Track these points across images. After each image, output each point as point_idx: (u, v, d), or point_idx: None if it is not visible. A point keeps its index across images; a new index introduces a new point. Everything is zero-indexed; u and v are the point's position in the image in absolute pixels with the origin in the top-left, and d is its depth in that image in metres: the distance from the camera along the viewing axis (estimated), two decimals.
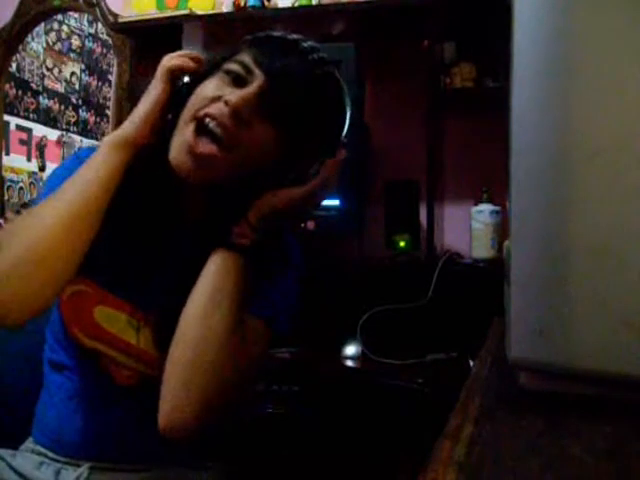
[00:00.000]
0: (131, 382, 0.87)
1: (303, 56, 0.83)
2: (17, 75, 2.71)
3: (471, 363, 1.31)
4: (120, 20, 2.07)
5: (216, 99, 0.79)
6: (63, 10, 2.49)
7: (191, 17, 1.87)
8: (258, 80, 0.79)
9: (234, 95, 0.78)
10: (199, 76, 0.84)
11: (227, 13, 1.91)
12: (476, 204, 1.71)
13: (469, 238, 1.72)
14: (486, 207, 1.68)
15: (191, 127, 0.78)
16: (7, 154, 2.58)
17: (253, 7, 1.83)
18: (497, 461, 0.38)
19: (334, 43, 1.77)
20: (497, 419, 0.47)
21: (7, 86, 2.57)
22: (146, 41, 1.92)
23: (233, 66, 0.81)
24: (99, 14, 2.26)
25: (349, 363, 1.50)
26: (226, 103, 0.77)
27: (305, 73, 0.82)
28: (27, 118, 2.78)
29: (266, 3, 1.84)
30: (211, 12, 1.93)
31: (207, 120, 0.77)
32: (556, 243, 0.47)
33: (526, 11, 0.48)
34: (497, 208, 1.68)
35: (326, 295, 1.65)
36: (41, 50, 2.85)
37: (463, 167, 1.87)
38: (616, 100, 0.45)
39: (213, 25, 1.91)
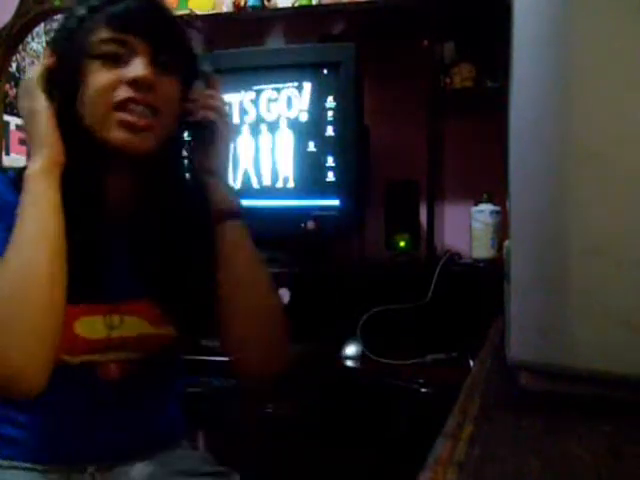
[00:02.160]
0: (118, 376, 0.89)
1: (155, 4, 0.88)
2: (17, 75, 2.71)
3: (471, 363, 1.31)
4: None
5: (116, 84, 0.83)
6: (63, 10, 2.48)
7: (191, 17, 1.87)
8: (139, 46, 0.83)
9: (133, 71, 0.82)
10: (71, 63, 0.85)
11: (227, 13, 1.91)
12: (476, 204, 1.71)
13: (469, 238, 1.72)
14: (486, 207, 1.68)
15: (116, 114, 0.82)
16: (7, 154, 2.58)
17: (253, 7, 1.83)
18: (497, 461, 0.38)
19: (334, 43, 1.77)
20: (497, 419, 0.47)
21: (7, 86, 2.57)
22: None
23: (106, 48, 0.83)
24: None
25: (349, 363, 1.50)
26: (135, 82, 0.82)
27: (166, 17, 0.89)
28: None
29: (266, 3, 1.84)
30: (211, 12, 1.93)
31: (131, 105, 0.82)
32: (556, 243, 0.47)
33: (526, 11, 0.48)
34: (497, 208, 1.68)
35: (326, 295, 1.65)
36: (41, 50, 2.85)
37: (463, 167, 1.87)
38: (616, 100, 0.45)
39: (213, 25, 1.90)
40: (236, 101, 1.69)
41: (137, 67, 0.83)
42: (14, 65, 2.68)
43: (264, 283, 0.92)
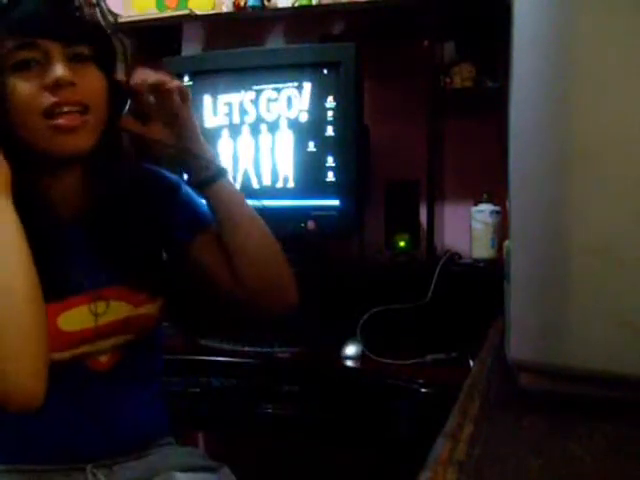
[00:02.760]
0: (108, 366, 0.91)
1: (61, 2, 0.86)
2: None
3: (471, 363, 1.31)
4: (120, 20, 2.06)
5: (40, 90, 0.81)
6: None
7: (191, 17, 1.87)
8: (53, 47, 0.82)
9: (53, 74, 0.80)
10: None
11: (227, 13, 1.90)
12: (476, 204, 1.70)
13: (469, 238, 1.71)
14: (486, 207, 1.68)
15: (45, 121, 0.81)
16: None
17: (253, 7, 1.83)
18: (497, 461, 0.38)
19: (334, 43, 1.77)
20: (497, 419, 0.47)
21: None
22: (146, 41, 1.91)
23: (21, 55, 0.81)
24: (99, 14, 2.26)
25: (349, 363, 1.50)
26: (57, 86, 0.80)
27: (73, 8, 0.87)
28: None
29: (266, 3, 1.84)
30: (211, 12, 1.93)
31: (55, 110, 0.81)
32: (556, 243, 0.47)
33: (526, 11, 0.48)
34: (497, 208, 1.68)
35: (326, 295, 1.65)
36: None
37: (463, 167, 1.86)
38: (616, 100, 0.45)
39: (213, 25, 1.90)
40: (236, 101, 1.69)
41: (54, 70, 0.81)
42: None
43: (261, 227, 0.97)
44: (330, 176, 1.63)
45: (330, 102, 1.63)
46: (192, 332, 1.04)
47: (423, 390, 1.32)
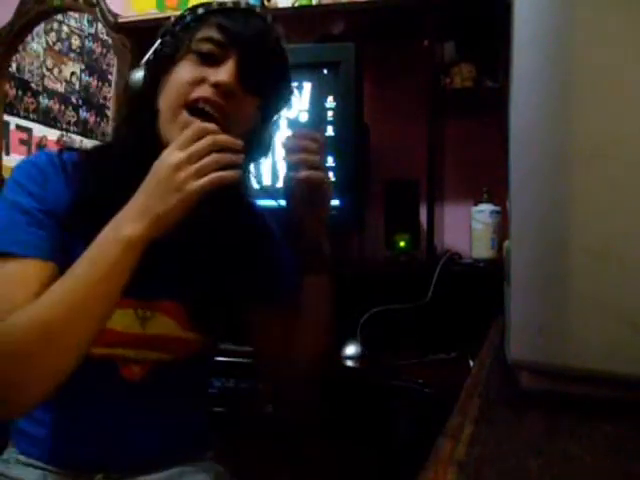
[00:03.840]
0: (140, 378, 0.88)
1: (263, 21, 0.88)
2: (17, 75, 2.71)
3: (471, 363, 1.31)
4: (120, 20, 2.06)
5: (199, 81, 0.82)
6: (63, 10, 2.48)
7: None
8: (234, 54, 0.83)
9: (220, 75, 0.82)
10: (168, 52, 0.86)
11: None
12: (476, 204, 1.70)
13: (469, 238, 1.71)
14: (486, 207, 1.68)
15: (184, 113, 0.81)
16: (7, 154, 2.58)
17: None
18: (497, 461, 0.38)
19: (334, 43, 1.77)
20: (497, 419, 0.47)
21: (7, 86, 2.56)
22: (146, 41, 1.91)
23: (205, 46, 0.84)
24: (99, 14, 2.26)
25: (349, 363, 1.50)
26: (217, 85, 0.81)
27: (271, 37, 0.88)
28: (27, 118, 2.78)
29: (266, 3, 1.84)
30: None
31: (201, 104, 0.81)
32: (556, 243, 0.47)
33: (526, 11, 0.48)
34: (497, 208, 1.68)
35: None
36: (41, 50, 2.84)
37: (463, 167, 1.86)
38: (616, 100, 0.45)
39: None
40: None
41: (225, 72, 0.82)
42: (14, 65, 2.68)
43: (329, 329, 1.00)
44: (330, 176, 1.63)
45: (330, 102, 1.63)
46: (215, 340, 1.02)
47: (423, 390, 1.32)
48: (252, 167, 0.95)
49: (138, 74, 0.87)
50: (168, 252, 0.85)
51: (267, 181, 1.68)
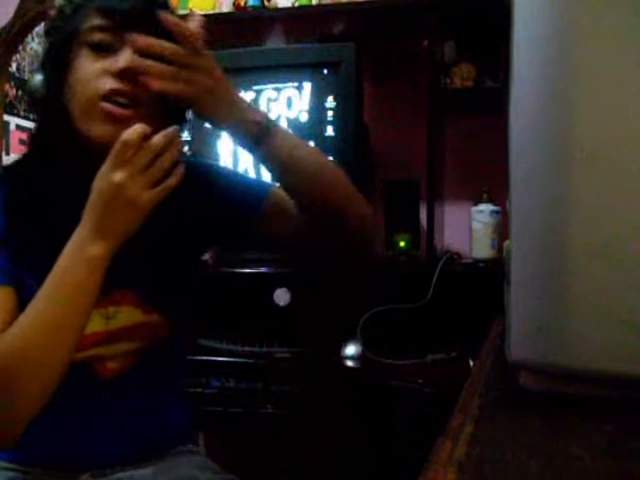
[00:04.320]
0: (115, 374, 0.88)
1: None
2: (17, 75, 2.71)
3: (471, 363, 1.31)
4: None
5: (102, 73, 0.80)
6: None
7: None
8: (127, 34, 0.80)
9: (120, 62, 0.79)
10: (62, 49, 0.83)
11: (227, 13, 1.90)
12: (476, 204, 1.71)
13: (469, 238, 1.71)
14: (486, 207, 1.68)
15: (101, 105, 0.79)
16: (7, 154, 2.58)
17: (253, 7, 1.83)
18: (497, 461, 0.38)
19: (334, 43, 1.77)
20: (497, 419, 0.47)
21: (7, 86, 2.57)
22: None
23: (94, 37, 0.81)
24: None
25: (349, 363, 1.50)
26: (120, 73, 0.79)
27: (156, 11, 0.82)
28: (27, 118, 2.78)
29: (266, 3, 1.84)
30: (211, 12, 1.93)
31: (112, 97, 0.79)
32: (556, 243, 0.47)
33: (526, 11, 0.48)
34: (497, 208, 1.68)
35: (326, 295, 1.65)
36: (41, 50, 2.85)
37: (463, 167, 1.86)
38: (616, 100, 0.45)
39: (213, 25, 1.90)
40: None
41: (123, 58, 0.80)
42: (14, 65, 2.68)
43: (322, 158, 0.94)
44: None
45: (330, 102, 1.63)
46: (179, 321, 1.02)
47: (423, 390, 1.32)
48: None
49: (37, 78, 0.85)
50: None
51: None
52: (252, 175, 1.67)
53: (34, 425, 0.81)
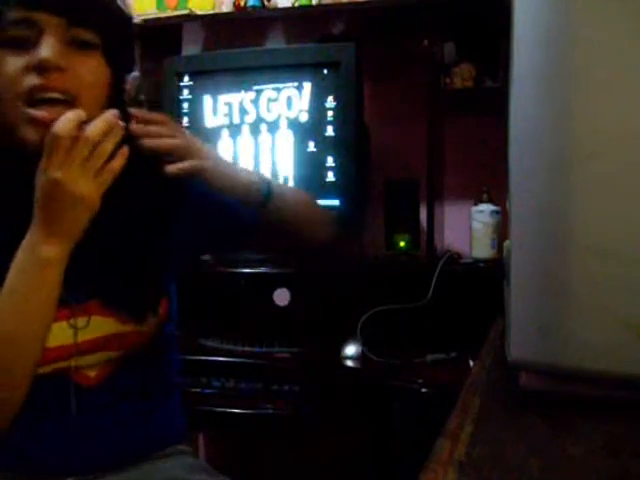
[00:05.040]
0: (95, 381, 0.85)
1: None
2: None
3: (471, 363, 1.31)
4: None
5: (24, 70, 0.74)
6: None
7: (191, 17, 1.87)
8: (49, 24, 0.74)
9: (40, 54, 0.73)
10: None
11: (227, 13, 1.90)
12: (476, 204, 1.70)
13: (469, 238, 1.71)
14: (486, 207, 1.68)
15: (23, 107, 0.74)
16: None
17: (253, 7, 1.83)
18: (497, 461, 0.38)
19: (334, 43, 1.77)
20: (497, 419, 0.47)
21: None
22: (146, 41, 1.91)
23: (9, 32, 0.75)
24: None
25: (349, 363, 1.50)
26: (41, 67, 0.73)
27: None
28: None
29: (266, 3, 1.84)
30: (211, 12, 1.93)
31: (36, 95, 0.74)
32: (556, 243, 0.47)
33: (526, 11, 0.48)
34: (497, 208, 1.68)
35: (326, 295, 1.65)
36: None
37: (463, 167, 1.86)
38: (615, 100, 0.45)
39: (213, 25, 1.90)
40: (236, 101, 1.69)
41: (43, 48, 0.72)
42: None
43: (304, 198, 1.05)
44: (330, 176, 1.63)
45: (330, 102, 1.63)
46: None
47: (423, 390, 1.32)
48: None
49: None
50: (84, 251, 0.81)
51: None
52: None
53: (17, 431, 0.79)
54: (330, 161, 1.62)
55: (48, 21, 0.74)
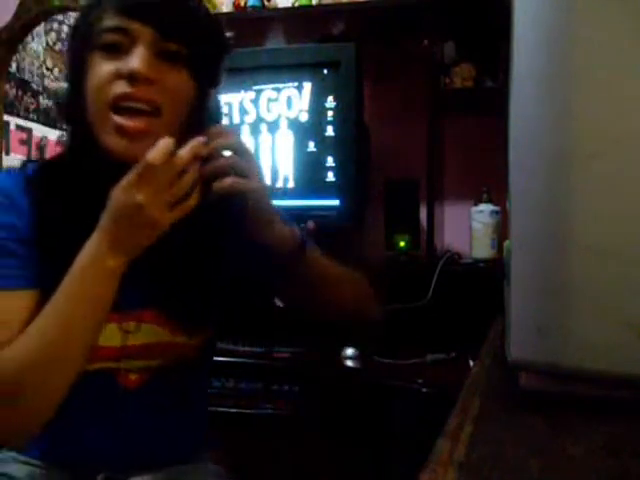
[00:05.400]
0: (137, 385, 0.87)
1: None
2: (17, 75, 2.71)
3: (471, 363, 1.31)
4: None
5: (114, 77, 0.75)
6: (63, 10, 2.48)
7: None
8: (142, 34, 0.76)
9: (130, 63, 0.74)
10: (77, 56, 0.79)
11: (227, 13, 1.90)
12: (476, 204, 1.71)
13: (469, 238, 1.71)
14: (486, 207, 1.68)
15: (111, 117, 0.76)
16: (7, 154, 2.58)
17: (253, 7, 1.83)
18: (497, 461, 0.38)
19: (334, 43, 1.77)
20: (497, 419, 0.47)
21: (7, 86, 2.56)
22: None
23: (106, 37, 0.76)
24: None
25: (349, 363, 1.50)
26: (131, 76, 0.74)
27: (181, 2, 0.79)
28: (27, 118, 2.78)
29: (266, 3, 1.84)
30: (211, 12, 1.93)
31: (123, 104, 0.75)
32: (556, 243, 0.47)
33: (526, 11, 0.48)
34: (497, 208, 1.68)
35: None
36: (41, 50, 2.84)
37: (463, 167, 1.86)
38: (615, 100, 0.45)
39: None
40: (236, 101, 1.69)
41: (134, 59, 0.75)
42: (14, 65, 2.68)
43: (352, 284, 0.98)
44: (330, 176, 1.63)
45: (330, 102, 1.63)
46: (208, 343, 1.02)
47: (423, 390, 1.32)
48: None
49: (62, 87, 0.83)
50: (143, 260, 0.82)
51: (267, 181, 1.68)
52: None
53: (56, 423, 0.81)
54: (330, 161, 1.62)
55: (141, 31, 0.76)
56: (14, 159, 2.68)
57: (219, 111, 0.91)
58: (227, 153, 0.80)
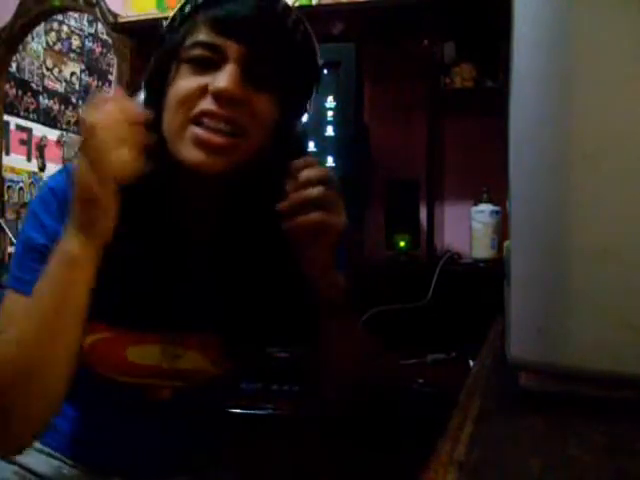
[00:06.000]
0: (164, 400, 0.87)
1: (267, 9, 0.76)
2: (17, 75, 2.71)
3: (471, 363, 1.31)
4: (120, 20, 2.06)
5: (199, 92, 0.74)
6: (63, 10, 2.48)
7: None
8: (234, 53, 0.74)
9: (218, 82, 0.72)
10: (163, 65, 0.77)
11: None
12: (476, 204, 1.71)
13: (469, 238, 1.71)
14: (486, 207, 1.68)
15: (191, 129, 0.74)
16: (7, 154, 2.58)
17: None
18: (497, 461, 0.38)
19: (334, 43, 1.77)
20: (497, 419, 0.47)
21: (7, 86, 2.56)
22: (146, 41, 1.91)
23: (195, 51, 0.75)
24: (99, 14, 2.26)
25: None
26: (216, 94, 0.73)
27: (278, 26, 0.76)
28: (27, 118, 2.78)
29: None
30: None
31: (205, 120, 0.73)
32: (556, 243, 0.47)
33: (526, 11, 0.48)
34: (497, 208, 1.68)
35: None
36: (41, 50, 2.84)
37: (463, 167, 1.86)
38: (616, 101, 0.45)
39: None
40: None
41: (223, 78, 0.72)
42: (14, 65, 2.67)
43: (365, 362, 0.94)
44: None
45: (330, 102, 1.63)
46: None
47: (423, 390, 1.32)
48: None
49: (139, 98, 0.79)
50: (198, 279, 0.81)
51: None
52: None
53: (81, 423, 0.83)
54: (330, 161, 1.62)
55: (233, 50, 0.73)
56: (14, 159, 2.68)
57: (305, 141, 0.89)
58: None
